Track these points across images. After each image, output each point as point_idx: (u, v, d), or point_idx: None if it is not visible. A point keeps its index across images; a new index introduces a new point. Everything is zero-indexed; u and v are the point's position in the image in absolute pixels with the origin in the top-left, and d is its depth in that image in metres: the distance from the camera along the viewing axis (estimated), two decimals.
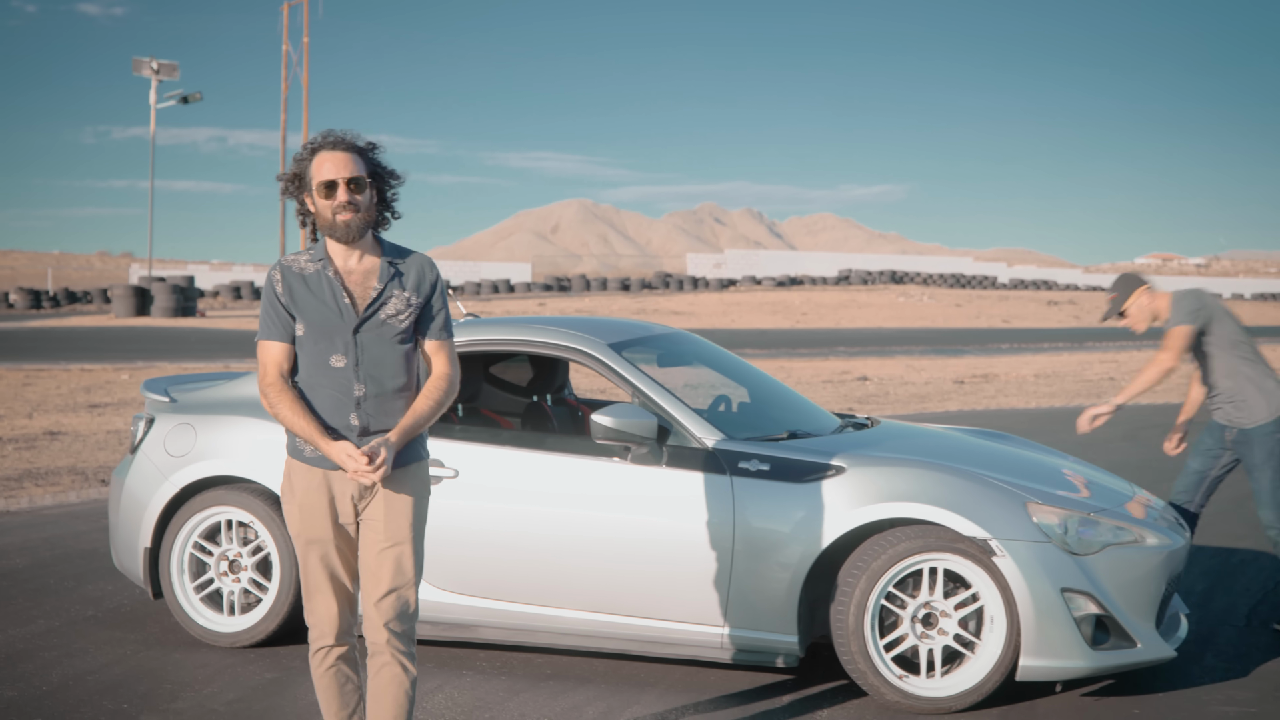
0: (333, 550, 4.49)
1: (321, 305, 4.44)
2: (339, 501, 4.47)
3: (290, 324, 4.48)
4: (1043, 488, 6.05)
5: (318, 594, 4.52)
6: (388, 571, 4.43)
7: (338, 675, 4.57)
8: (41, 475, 12.01)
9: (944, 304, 61.49)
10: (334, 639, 4.53)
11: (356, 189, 4.43)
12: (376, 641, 4.42)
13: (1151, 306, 7.21)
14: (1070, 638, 5.66)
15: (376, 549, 4.44)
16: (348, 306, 4.44)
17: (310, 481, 4.46)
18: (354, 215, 4.42)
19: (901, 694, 5.74)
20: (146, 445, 6.83)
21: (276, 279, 4.50)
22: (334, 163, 4.44)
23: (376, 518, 4.45)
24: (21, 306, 60.52)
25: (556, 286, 74.20)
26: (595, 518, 6.09)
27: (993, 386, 23.48)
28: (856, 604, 5.75)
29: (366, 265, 4.50)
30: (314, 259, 4.51)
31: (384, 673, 4.43)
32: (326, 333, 4.43)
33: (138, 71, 50.88)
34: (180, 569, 6.66)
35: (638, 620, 6.08)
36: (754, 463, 5.98)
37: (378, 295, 4.45)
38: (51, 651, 6.51)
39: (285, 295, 4.47)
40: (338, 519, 4.48)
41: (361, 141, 4.52)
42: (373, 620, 4.42)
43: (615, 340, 6.54)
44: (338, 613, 4.52)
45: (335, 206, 4.42)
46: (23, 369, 24.39)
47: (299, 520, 4.49)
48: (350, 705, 4.60)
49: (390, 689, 4.42)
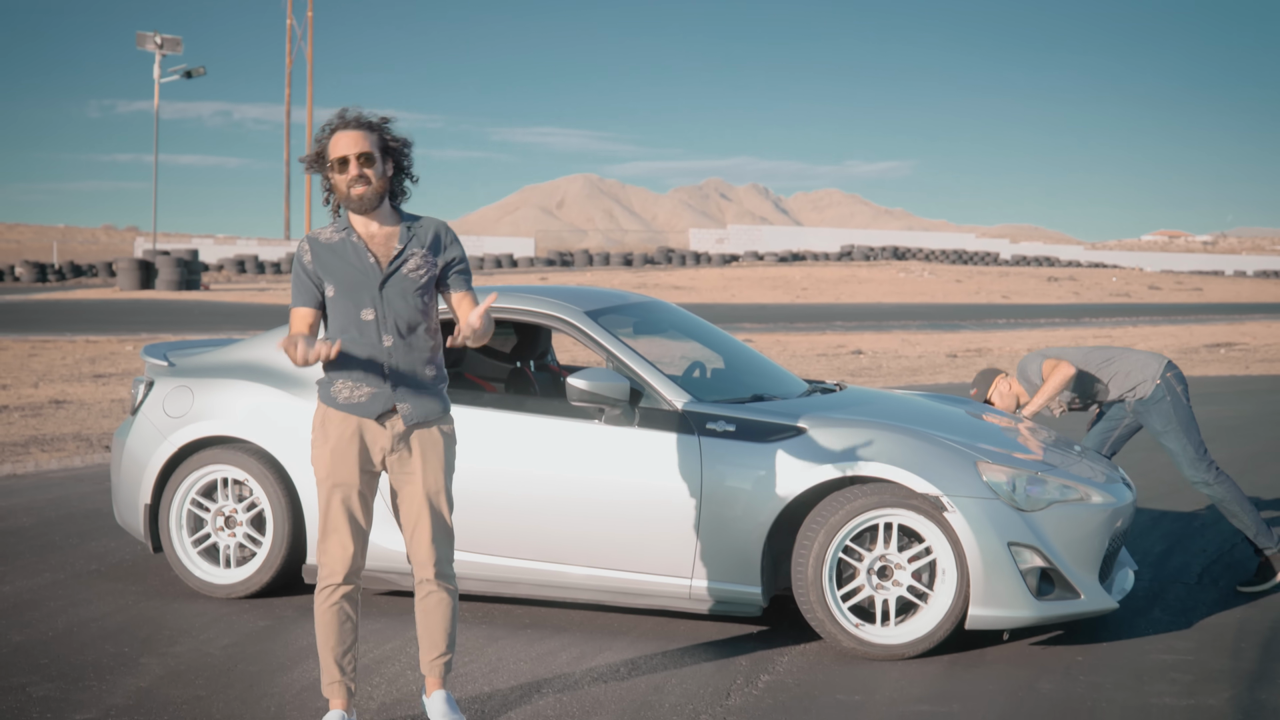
0: (355, 495, 4.91)
1: (349, 267, 4.90)
2: (370, 449, 4.91)
3: (316, 291, 4.93)
4: (993, 448, 6.39)
5: (334, 534, 4.92)
6: (428, 518, 4.96)
7: (339, 613, 4.95)
8: (47, 441, 12.36)
9: (944, 280, 61.75)
10: (342, 578, 4.93)
11: (367, 163, 4.87)
12: (425, 577, 5.00)
13: (1011, 392, 7.85)
14: (1016, 589, 6.01)
15: (417, 499, 4.95)
16: (373, 265, 4.89)
17: (345, 429, 4.89)
18: (366, 188, 4.87)
19: (857, 641, 6.09)
20: (146, 407, 7.18)
21: (305, 251, 4.95)
22: (347, 140, 4.88)
23: (414, 469, 4.94)
24: (28, 280, 60.85)
25: (560, 262, 74.47)
26: (571, 476, 6.43)
27: (984, 360, 23.79)
28: (815, 557, 6.10)
29: (386, 231, 4.96)
30: (338, 230, 4.97)
31: (432, 598, 5.03)
32: (355, 290, 4.89)
33: (141, 46, 51.12)
34: (179, 524, 7.00)
35: (611, 572, 6.42)
36: (720, 424, 6.32)
37: (399, 254, 4.91)
38: (57, 601, 6.86)
39: (313, 265, 4.92)
40: (365, 465, 4.91)
41: (374, 118, 4.94)
42: (420, 560, 4.98)
43: (592, 308, 6.87)
44: (351, 554, 4.93)
45: (349, 180, 4.87)
46: (29, 340, 24.74)
47: (329, 463, 4.91)
48: (346, 643, 4.97)
49: (440, 608, 5.04)
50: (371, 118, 4.95)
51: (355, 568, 4.95)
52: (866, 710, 5.43)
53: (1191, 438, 7.51)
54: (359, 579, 5.00)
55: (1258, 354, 26.06)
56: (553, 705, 5.43)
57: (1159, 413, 7.53)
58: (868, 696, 5.59)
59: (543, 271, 65.79)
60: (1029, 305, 48.27)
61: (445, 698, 5.11)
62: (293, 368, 6.96)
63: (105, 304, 39.42)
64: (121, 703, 5.37)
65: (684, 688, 5.67)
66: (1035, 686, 5.74)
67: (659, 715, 5.34)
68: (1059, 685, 5.75)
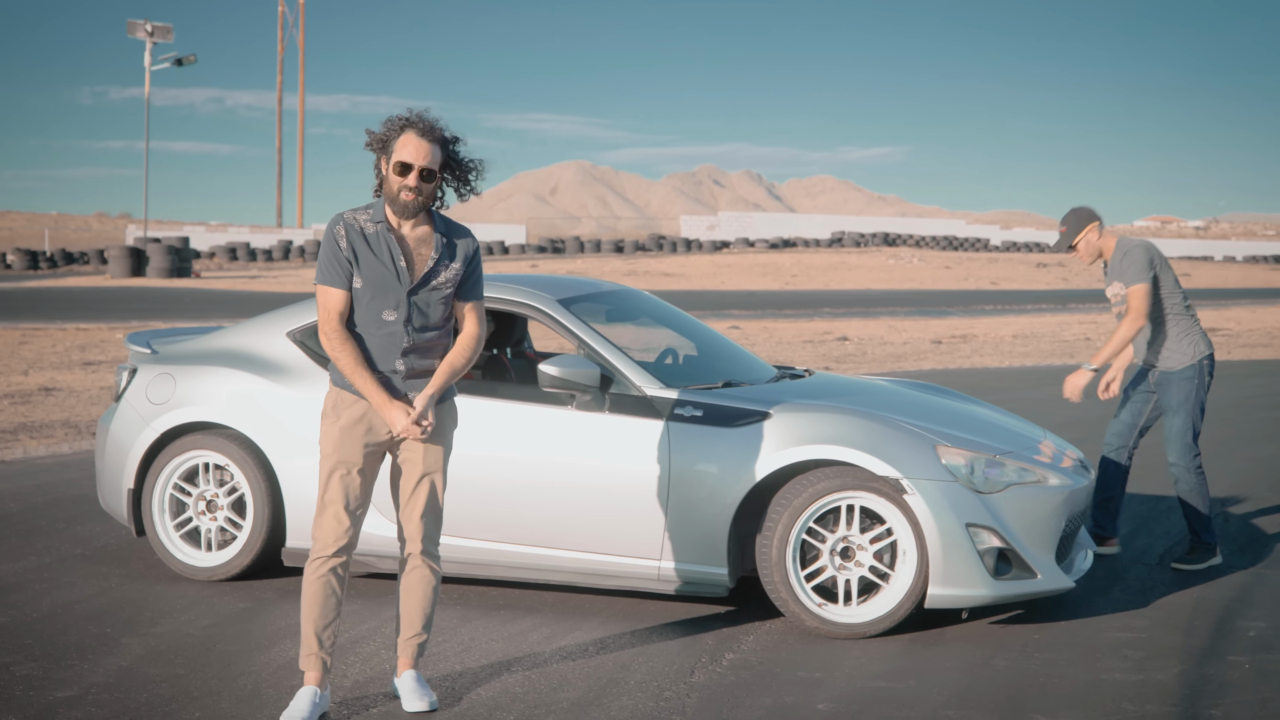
0: (355, 473, 5.15)
1: (380, 266, 5.08)
2: (376, 431, 5.16)
3: (349, 273, 5.08)
4: (953, 432, 6.56)
5: (330, 509, 5.14)
6: (424, 497, 5.23)
7: (325, 586, 5.14)
8: (36, 428, 12.51)
9: (934, 266, 61.96)
10: (333, 551, 5.14)
11: (426, 179, 5.07)
12: (414, 552, 5.27)
13: (1098, 244, 7.76)
14: (974, 568, 6.19)
15: (414, 479, 5.21)
16: (404, 270, 5.09)
17: (355, 412, 5.14)
18: (415, 198, 5.06)
19: (820, 620, 6.27)
20: (130, 394, 7.34)
21: (340, 232, 5.10)
22: (416, 148, 5.05)
23: (415, 449, 5.20)
24: (19, 267, 60.92)
25: (551, 248, 74.58)
26: (543, 460, 6.59)
27: (969, 346, 23.99)
28: (779, 538, 6.27)
29: (420, 233, 5.15)
30: (374, 220, 5.13)
31: (416, 573, 5.29)
32: (382, 291, 5.09)
33: (132, 34, 51.16)
34: (161, 508, 7.16)
35: (582, 554, 6.59)
36: (688, 409, 6.48)
37: (433, 265, 5.13)
38: (42, 584, 7.02)
39: (348, 248, 5.08)
40: (370, 446, 5.16)
41: (448, 134, 5.13)
42: (411, 535, 5.26)
43: (564, 296, 7.04)
44: (346, 528, 5.14)
45: (403, 185, 5.05)
46: (19, 328, 24.88)
47: (336, 441, 5.14)
48: (328, 617, 5.15)
49: (422, 585, 5.29)
50: (445, 132, 5.13)
51: (348, 543, 5.15)
52: (825, 686, 5.60)
53: (1195, 424, 7.65)
54: (348, 554, 5.18)
55: (1240, 339, 26.26)
56: (521, 682, 5.60)
57: (1180, 390, 7.65)
58: (827, 673, 5.77)
59: (534, 258, 65.94)
60: (1017, 291, 48.46)
61: (415, 677, 5.29)
62: (275, 355, 7.12)
63: (96, 291, 39.53)
64: (102, 681, 5.54)
65: (650, 665, 5.84)
66: (991, 663, 5.91)
67: (624, 691, 5.51)
68: (1014, 661, 5.93)
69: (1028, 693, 5.53)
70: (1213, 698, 5.48)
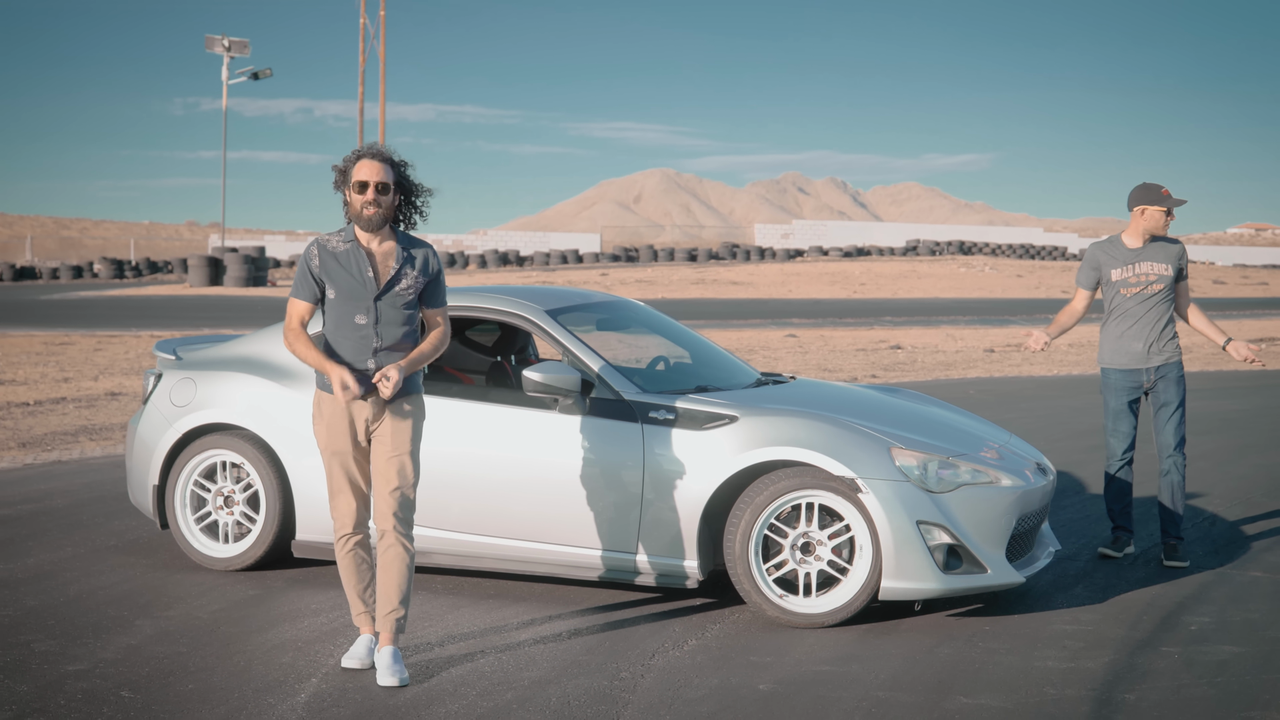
0: (351, 460, 5.94)
1: (350, 277, 5.86)
2: (356, 423, 5.91)
3: (317, 290, 5.90)
4: (910, 435, 6.98)
5: (340, 494, 5.96)
6: (393, 474, 5.89)
7: (355, 557, 6.02)
8: (96, 431, 13.19)
9: (1005, 274, 61.85)
10: (352, 529, 5.98)
11: (382, 191, 5.85)
12: (385, 529, 5.89)
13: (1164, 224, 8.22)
14: (924, 563, 6.60)
15: (384, 458, 5.90)
16: (371, 280, 5.86)
17: (335, 408, 5.90)
18: (376, 211, 5.85)
19: (781, 610, 6.70)
20: (155, 397, 7.92)
21: (313, 254, 5.91)
22: (369, 169, 5.86)
23: (385, 435, 5.91)
24: (105, 276, 62.51)
25: (625, 257, 75.22)
26: (528, 459, 7.09)
27: (1020, 355, 24.17)
28: (742, 534, 6.72)
29: (385, 249, 5.94)
30: (344, 240, 5.92)
31: (390, 551, 5.89)
32: (353, 298, 5.87)
33: (210, 49, 52.49)
34: (183, 503, 7.73)
35: (565, 548, 7.08)
36: (662, 412, 6.95)
37: (395, 274, 5.90)
38: (73, 572, 7.61)
39: (319, 268, 5.89)
40: (354, 436, 5.91)
41: (395, 157, 5.94)
42: (382, 511, 5.89)
43: (553, 307, 7.52)
44: (355, 508, 5.98)
45: (364, 201, 5.84)
46: (96, 335, 25.81)
47: (326, 436, 5.93)
48: (365, 580, 6.04)
49: (395, 563, 5.89)
50: (392, 155, 5.93)
51: (361, 519, 6.00)
52: (772, 669, 6.04)
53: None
54: (366, 529, 6.02)
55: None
56: (491, 663, 6.09)
57: (1181, 382, 8.17)
58: (778, 658, 6.20)
59: (605, 267, 66.58)
60: None
61: (392, 653, 5.82)
62: (286, 362, 7.67)
63: (173, 300, 40.63)
64: (111, 657, 6.09)
65: (615, 649, 6.31)
66: (934, 651, 6.32)
67: (584, 671, 5.98)
68: (956, 650, 6.33)
69: (959, 677, 5.94)
70: (1131, 684, 5.86)
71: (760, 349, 24.56)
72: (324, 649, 6.25)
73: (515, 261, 70.29)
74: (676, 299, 44.70)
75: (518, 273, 60.82)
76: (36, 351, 22.06)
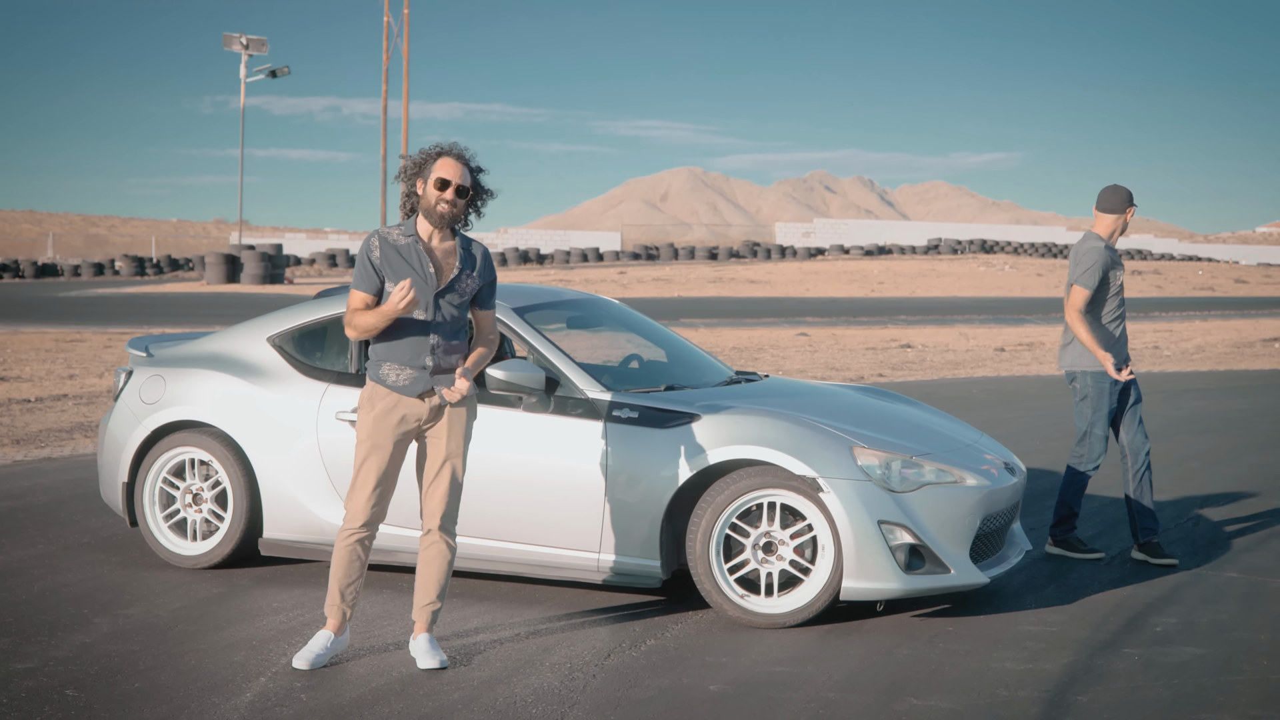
0: (387, 457, 5.98)
1: (412, 272, 5.91)
2: (408, 420, 5.97)
3: (376, 281, 5.94)
4: (874, 434, 6.91)
5: (363, 488, 5.98)
6: (445, 479, 6.04)
7: (352, 552, 6.02)
8: (91, 428, 13.21)
9: (1025, 273, 61.59)
10: (361, 524, 6.00)
11: (460, 194, 5.96)
12: (432, 528, 6.05)
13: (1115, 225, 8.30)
14: (886, 563, 6.54)
15: (438, 459, 6.02)
16: (432, 275, 5.94)
17: (389, 402, 5.96)
18: (450, 210, 5.95)
19: (742, 610, 6.65)
20: (125, 394, 7.91)
21: (374, 245, 5.96)
22: (453, 169, 5.96)
23: (440, 436, 6.01)
24: (126, 273, 62.72)
25: (645, 255, 75.16)
26: (492, 457, 7.05)
27: (1031, 354, 24.07)
28: (704, 533, 6.67)
29: (446, 246, 6.02)
30: (405, 234, 5.98)
31: (434, 548, 6.05)
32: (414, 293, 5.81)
33: (228, 47, 52.68)
34: (152, 501, 7.72)
35: (527, 547, 7.04)
36: (625, 411, 6.90)
37: (457, 273, 5.99)
38: (40, 569, 7.60)
39: (380, 260, 5.93)
40: (399, 433, 5.96)
41: (475, 162, 6.07)
42: (431, 510, 6.04)
43: (521, 304, 7.48)
44: (373, 506, 5.99)
45: (441, 199, 5.92)
46: (108, 332, 25.90)
47: (371, 428, 5.96)
48: (352, 577, 6.03)
49: (438, 559, 6.07)
50: (474, 160, 6.07)
51: (374, 518, 6.01)
52: (725, 670, 5.99)
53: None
54: (375, 529, 6.03)
55: None
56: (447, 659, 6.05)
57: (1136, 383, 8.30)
58: (734, 658, 6.15)
59: (624, 265, 66.53)
60: None
61: (429, 639, 6.04)
62: (255, 359, 7.64)
63: (189, 297, 40.74)
64: (63, 655, 6.08)
65: (571, 649, 6.27)
66: (892, 652, 6.26)
67: (536, 671, 5.94)
68: (916, 651, 6.27)
69: (913, 678, 5.88)
70: (1085, 685, 5.79)
71: (770, 348, 24.48)
72: (278, 648, 6.22)
73: (536, 259, 70.25)
74: (693, 297, 44.66)
75: (536, 270, 60.79)
76: (46, 348, 22.14)
